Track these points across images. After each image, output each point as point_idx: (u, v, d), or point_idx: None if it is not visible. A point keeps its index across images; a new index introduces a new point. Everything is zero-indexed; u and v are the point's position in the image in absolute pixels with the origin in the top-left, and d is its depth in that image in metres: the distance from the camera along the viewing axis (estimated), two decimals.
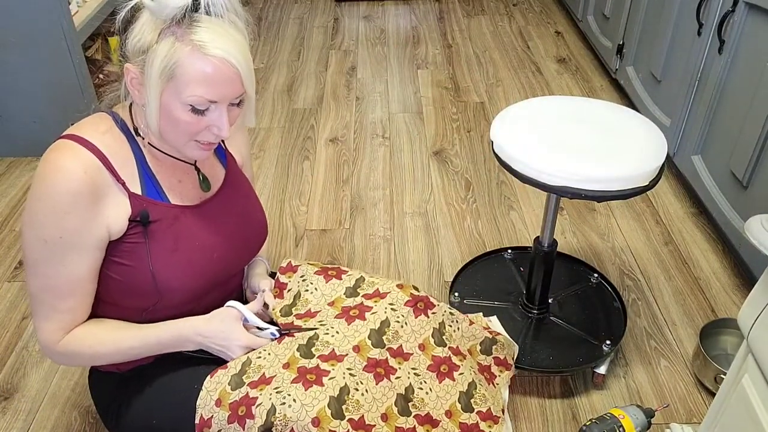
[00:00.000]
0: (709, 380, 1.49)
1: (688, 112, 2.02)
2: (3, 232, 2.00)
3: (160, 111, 0.96)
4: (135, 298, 1.06)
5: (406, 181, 2.24)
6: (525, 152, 1.27)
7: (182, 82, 0.93)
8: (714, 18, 1.86)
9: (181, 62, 0.92)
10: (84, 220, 0.97)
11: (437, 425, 1.06)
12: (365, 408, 0.99)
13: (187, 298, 1.09)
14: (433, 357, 1.13)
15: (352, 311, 1.14)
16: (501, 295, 1.65)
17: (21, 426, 1.44)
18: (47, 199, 0.95)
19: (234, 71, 0.94)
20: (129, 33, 0.95)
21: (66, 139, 0.99)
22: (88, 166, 0.96)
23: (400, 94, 2.79)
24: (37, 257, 0.98)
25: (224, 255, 1.13)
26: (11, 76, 2.19)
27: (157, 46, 0.92)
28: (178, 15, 0.92)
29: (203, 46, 0.92)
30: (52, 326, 1.02)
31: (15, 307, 1.74)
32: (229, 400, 1.01)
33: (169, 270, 1.05)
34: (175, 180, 1.09)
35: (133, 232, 1.02)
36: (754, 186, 1.67)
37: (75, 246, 0.97)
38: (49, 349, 1.04)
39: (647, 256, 1.91)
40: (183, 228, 1.07)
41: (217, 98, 0.95)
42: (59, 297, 1.01)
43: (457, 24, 3.46)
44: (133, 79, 0.97)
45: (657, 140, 1.31)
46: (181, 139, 1.00)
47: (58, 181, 0.94)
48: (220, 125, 0.98)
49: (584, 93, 2.78)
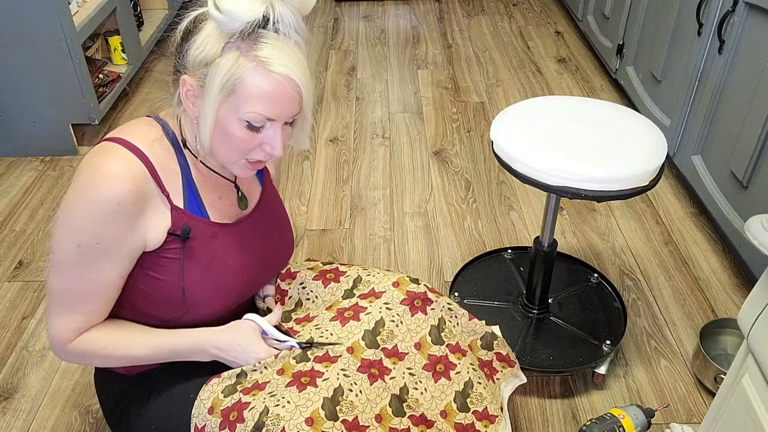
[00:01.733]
0: (709, 380, 1.49)
1: (688, 112, 2.02)
2: (3, 232, 2.00)
3: (214, 126, 0.94)
4: (159, 310, 1.04)
5: (406, 181, 2.24)
6: (525, 152, 1.27)
7: (242, 97, 0.91)
8: (714, 18, 1.86)
9: (243, 78, 0.90)
10: (123, 229, 0.94)
11: (432, 426, 1.05)
12: (359, 409, 0.98)
13: (210, 314, 1.07)
14: (429, 356, 1.12)
15: (347, 312, 1.14)
16: (501, 295, 1.65)
17: (21, 426, 1.44)
18: (90, 206, 0.92)
19: (296, 90, 0.93)
20: (190, 44, 0.92)
21: (114, 142, 0.95)
22: (136, 176, 0.94)
23: (400, 94, 2.79)
24: (66, 260, 0.95)
25: (254, 275, 1.12)
26: (11, 76, 2.19)
27: (220, 60, 0.90)
28: (246, 30, 0.89)
29: (268, 62, 0.90)
30: (68, 325, 1.00)
31: (15, 307, 1.74)
32: (221, 406, 1.00)
33: (200, 288, 1.03)
34: (216, 196, 1.07)
35: (170, 247, 1.00)
36: (754, 186, 1.67)
37: (109, 254, 0.95)
38: (59, 346, 1.02)
39: (647, 256, 1.91)
40: (219, 246, 1.05)
41: (274, 116, 0.93)
42: (81, 300, 0.98)
43: (457, 24, 3.46)
44: (189, 91, 0.94)
45: (657, 140, 1.31)
46: (233, 155, 0.97)
47: (104, 189, 0.91)
48: (273, 144, 0.96)
49: (584, 93, 2.78)
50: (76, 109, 2.28)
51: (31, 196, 2.16)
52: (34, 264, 1.88)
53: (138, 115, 2.61)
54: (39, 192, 2.18)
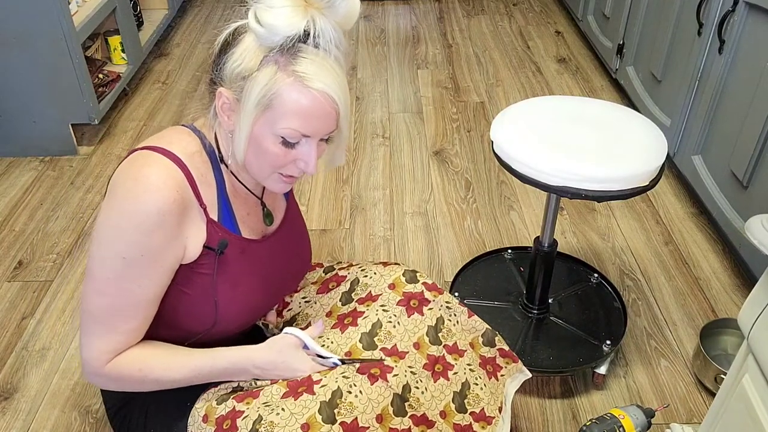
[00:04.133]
0: (709, 380, 1.49)
1: (688, 112, 2.02)
2: (3, 232, 2.00)
3: (249, 140, 0.92)
4: (188, 325, 1.02)
5: (406, 181, 2.24)
6: (525, 152, 1.27)
7: (279, 113, 0.89)
8: (714, 18, 1.86)
9: (280, 92, 0.88)
10: (167, 239, 0.92)
11: (432, 426, 1.04)
12: (359, 409, 0.97)
13: (233, 329, 1.06)
14: (428, 356, 1.11)
15: (346, 319, 1.14)
16: (501, 295, 1.65)
17: (21, 426, 1.44)
18: (135, 216, 0.89)
19: (333, 107, 0.91)
20: (228, 56, 0.91)
21: (153, 151, 0.93)
22: (180, 185, 0.92)
23: (400, 94, 2.79)
24: (110, 275, 0.92)
25: (276, 290, 1.12)
26: (11, 76, 2.19)
27: (257, 74, 0.88)
28: (285, 44, 0.88)
29: (306, 77, 0.88)
30: (105, 347, 0.96)
31: (15, 307, 1.74)
32: (215, 414, 0.99)
33: (229, 304, 1.01)
34: (245, 212, 1.06)
35: (203, 261, 0.98)
36: (754, 186, 1.67)
37: (154, 266, 0.93)
38: (94, 369, 0.98)
39: (647, 256, 1.91)
40: (247, 262, 1.04)
41: (310, 132, 0.92)
42: (122, 318, 0.95)
43: (457, 24, 3.46)
44: (225, 104, 0.93)
45: (657, 140, 1.31)
46: (265, 170, 0.96)
47: (149, 199, 0.89)
48: (307, 160, 0.95)
49: (584, 93, 2.77)
50: (76, 108, 2.28)
51: (30, 196, 2.16)
52: (33, 264, 1.88)
53: (137, 115, 2.61)
54: (39, 192, 2.18)
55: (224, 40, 0.94)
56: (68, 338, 1.64)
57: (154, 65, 3.02)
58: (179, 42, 3.25)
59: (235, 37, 0.92)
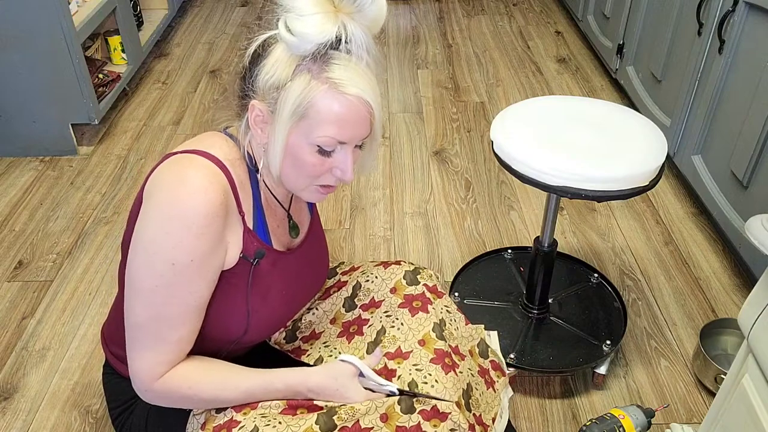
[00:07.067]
0: (709, 380, 1.49)
1: (688, 112, 2.02)
2: (3, 232, 2.00)
3: (284, 151, 0.91)
4: (214, 336, 1.01)
5: (406, 181, 2.24)
6: (525, 152, 1.27)
7: (315, 121, 0.88)
8: (714, 18, 1.86)
9: (315, 101, 0.87)
10: (215, 243, 0.91)
11: (445, 418, 1.00)
12: (362, 411, 0.97)
13: (255, 341, 1.05)
14: (436, 350, 1.10)
15: (352, 327, 1.13)
16: (501, 295, 1.65)
17: (21, 426, 1.44)
18: (183, 220, 0.87)
19: (368, 111, 0.91)
20: (259, 68, 0.90)
21: (195, 154, 0.92)
22: (225, 189, 0.91)
23: (400, 94, 2.79)
24: (158, 283, 0.89)
25: (299, 303, 1.12)
26: (11, 76, 2.19)
27: (291, 84, 0.87)
28: (317, 51, 0.87)
29: (340, 84, 0.87)
30: (157, 358, 0.93)
31: (15, 307, 1.74)
32: (213, 423, 0.98)
33: (258, 315, 1.00)
34: (275, 224, 1.05)
35: (237, 270, 0.96)
36: (754, 186, 1.67)
37: (202, 270, 0.91)
38: (145, 384, 0.94)
39: (647, 256, 1.91)
40: (278, 275, 1.03)
41: (346, 139, 0.91)
42: (172, 326, 0.92)
43: (457, 24, 3.46)
44: (258, 116, 0.91)
45: (657, 140, 1.31)
46: (303, 181, 0.95)
47: (196, 202, 0.87)
48: (344, 168, 0.93)
49: (584, 93, 2.78)
50: (76, 108, 2.28)
51: (30, 196, 2.16)
52: (33, 264, 1.88)
53: (137, 115, 2.61)
54: (39, 192, 2.18)
55: (254, 52, 0.92)
56: (68, 338, 1.64)
57: (154, 65, 3.02)
58: (179, 42, 3.25)
59: (265, 49, 0.91)
